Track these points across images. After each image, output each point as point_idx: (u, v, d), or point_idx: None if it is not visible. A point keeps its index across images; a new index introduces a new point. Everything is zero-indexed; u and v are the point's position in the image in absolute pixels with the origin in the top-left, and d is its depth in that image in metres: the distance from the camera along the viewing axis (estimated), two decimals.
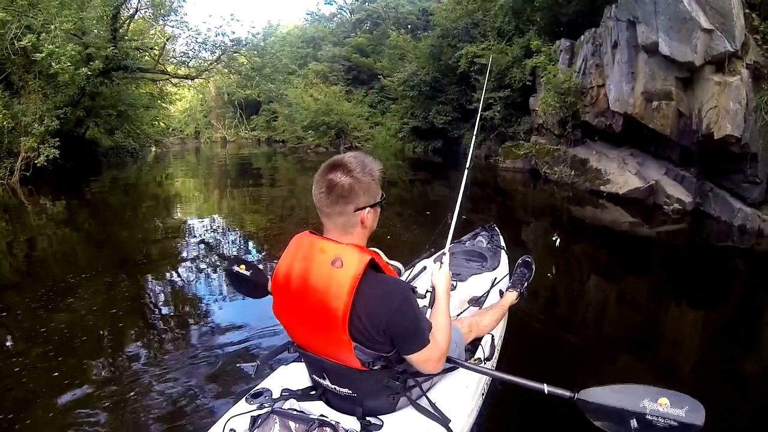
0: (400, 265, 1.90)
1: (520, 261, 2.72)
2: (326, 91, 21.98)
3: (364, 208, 1.35)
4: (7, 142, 11.46)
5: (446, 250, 2.06)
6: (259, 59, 16.51)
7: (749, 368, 3.08)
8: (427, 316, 1.57)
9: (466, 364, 1.68)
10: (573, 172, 9.92)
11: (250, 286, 1.98)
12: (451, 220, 2.26)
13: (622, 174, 8.72)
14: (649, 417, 1.30)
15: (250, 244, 6.55)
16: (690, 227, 6.79)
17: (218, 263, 5.31)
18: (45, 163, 11.70)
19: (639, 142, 8.74)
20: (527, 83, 12.00)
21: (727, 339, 3.49)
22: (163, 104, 21.10)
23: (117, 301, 4.15)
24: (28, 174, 11.81)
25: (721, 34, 6.04)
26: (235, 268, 1.98)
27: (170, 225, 7.73)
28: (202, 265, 5.34)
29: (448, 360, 1.57)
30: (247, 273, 1.96)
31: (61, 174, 13.53)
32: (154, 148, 22.86)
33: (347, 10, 28.71)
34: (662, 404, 1.30)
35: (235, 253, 6.01)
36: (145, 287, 4.71)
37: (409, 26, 22.51)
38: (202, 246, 6.29)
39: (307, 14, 38.35)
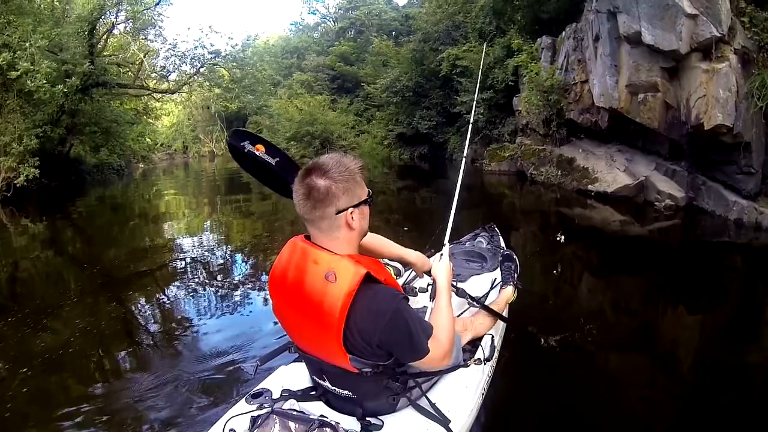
0: (399, 266, 1.87)
1: (500, 257, 2.72)
2: (309, 101, 21.61)
3: (347, 209, 1.28)
4: None
5: (445, 241, 1.94)
6: (238, 71, 16.22)
7: (749, 368, 2.88)
8: (429, 310, 1.57)
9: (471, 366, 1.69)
10: (560, 172, 9.53)
11: (270, 176, 1.75)
12: (448, 219, 2.16)
13: (611, 171, 8.34)
14: None
15: (240, 257, 6.29)
16: (683, 223, 6.45)
17: (211, 273, 5.32)
18: (25, 183, 11.45)
19: (626, 138, 8.37)
20: (510, 83, 11.68)
21: (726, 338, 3.30)
22: (149, 120, 20.79)
23: (109, 316, 4.06)
24: (8, 195, 11.54)
25: (707, 19, 5.66)
26: (247, 146, 1.71)
27: (158, 242, 7.48)
28: (195, 276, 5.25)
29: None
30: (269, 159, 1.72)
31: (45, 194, 13.37)
32: (141, 165, 22.45)
33: (330, 19, 28.53)
34: None
35: (223, 268, 5.68)
36: (138, 300, 4.58)
37: (393, 33, 22.24)
38: (194, 259, 6.08)
39: (291, 24, 38.18)
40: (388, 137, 19.22)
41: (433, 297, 1.62)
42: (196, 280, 5.08)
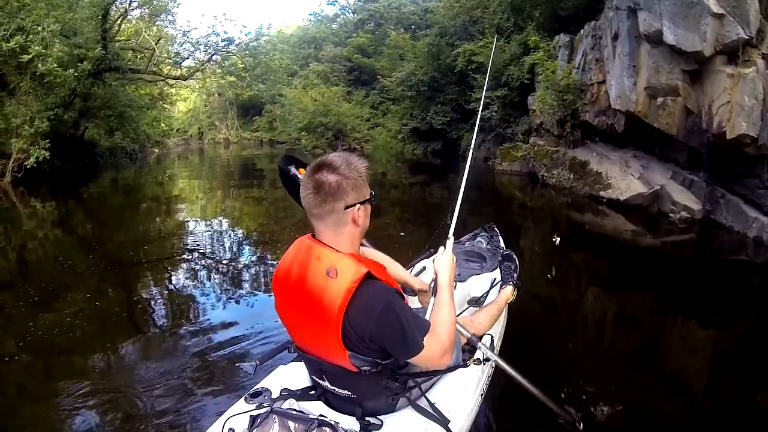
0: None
1: (500, 257, 2.68)
2: (324, 92, 21.32)
3: (354, 205, 1.31)
4: None
5: (450, 235, 1.84)
6: (251, 59, 16.00)
7: (764, 398, 2.66)
8: (431, 306, 1.54)
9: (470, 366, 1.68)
10: (572, 176, 9.10)
11: None
12: (452, 214, 2.07)
13: (625, 178, 7.90)
14: None
15: (248, 248, 6.24)
16: (699, 238, 6.06)
17: (217, 263, 5.27)
18: (35, 165, 11.51)
19: (643, 143, 7.91)
20: (525, 81, 11.25)
21: (740, 363, 3.06)
22: (165, 105, 20.78)
23: (113, 303, 4.04)
24: (19, 176, 11.63)
25: (733, 20, 5.19)
26: (292, 170, 1.81)
27: (167, 227, 7.47)
28: (200, 266, 5.19)
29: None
30: None
31: (57, 175, 13.59)
32: (156, 150, 22.53)
33: (349, 11, 28.06)
34: None
35: (230, 258, 5.65)
36: (142, 287, 4.54)
37: (412, 26, 21.69)
38: (201, 247, 6.08)
39: (310, 15, 37.59)
40: (402, 131, 18.85)
41: (435, 292, 1.56)
42: (202, 270, 5.03)
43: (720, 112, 5.47)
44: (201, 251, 5.75)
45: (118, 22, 13.34)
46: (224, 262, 5.44)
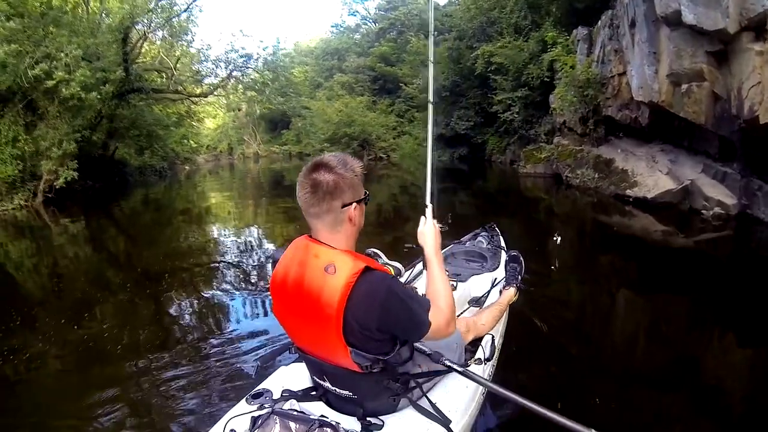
0: (399, 266, 1.75)
1: (507, 257, 2.70)
2: (348, 102, 21.25)
3: (351, 203, 1.30)
4: (30, 165, 11.76)
5: (427, 202, 1.79)
6: (269, 74, 16.08)
7: None
8: (425, 280, 1.54)
9: (469, 373, 1.58)
10: (596, 175, 8.56)
11: None
12: (427, 180, 1.95)
13: (652, 174, 7.32)
14: None
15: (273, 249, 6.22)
16: (735, 235, 5.55)
17: (239, 271, 5.28)
18: (64, 185, 11.90)
19: (670, 136, 7.33)
20: (545, 79, 10.73)
21: None
22: (193, 122, 21.21)
23: (128, 314, 4.10)
24: (50, 195, 12.03)
25: None
26: None
27: (195, 243, 7.46)
28: (222, 274, 5.27)
29: (449, 366, 1.57)
30: None
31: (89, 194, 14.07)
32: (186, 167, 23.07)
33: (371, 20, 28.02)
34: None
35: (252, 271, 5.60)
36: (154, 297, 4.57)
37: (434, 33, 21.53)
38: (226, 256, 6.21)
39: (332, 27, 37.58)
40: (427, 138, 18.50)
41: (425, 266, 1.56)
42: (222, 282, 5.02)
43: (751, 95, 4.93)
44: (225, 265, 5.76)
45: (139, 44, 13.61)
46: (247, 269, 5.43)
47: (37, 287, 5.58)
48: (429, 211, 1.69)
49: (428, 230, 1.58)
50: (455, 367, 1.59)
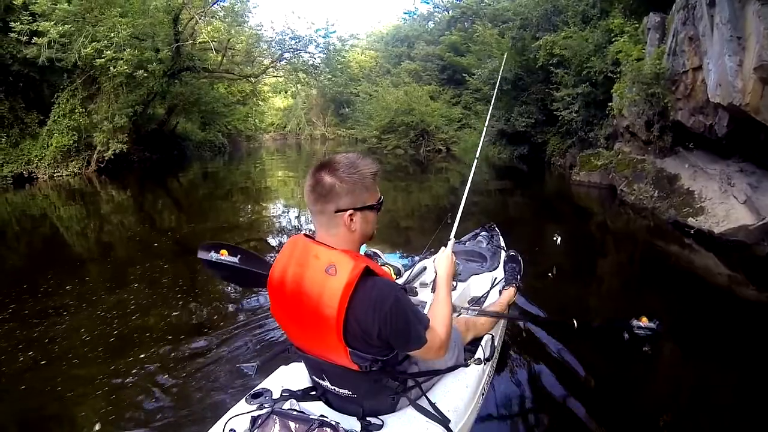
0: (399, 266, 1.93)
1: (506, 258, 2.69)
2: (408, 90, 20.01)
3: (347, 210, 1.25)
4: (86, 136, 12.36)
5: (451, 236, 1.88)
6: (322, 56, 15.55)
7: None
8: (430, 302, 1.55)
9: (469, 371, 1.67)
10: (656, 193, 6.82)
11: (240, 275, 1.81)
12: (455, 216, 2.01)
13: (725, 201, 5.55)
14: (635, 330, 1.71)
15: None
16: None
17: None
18: (112, 156, 12.53)
19: (754, 153, 5.50)
20: (610, 75, 8.86)
21: None
22: (258, 102, 21.48)
23: (142, 296, 4.04)
24: (102, 165, 12.70)
25: None
26: (213, 255, 1.79)
27: (242, 220, 7.48)
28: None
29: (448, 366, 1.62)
30: (233, 259, 1.78)
31: (147, 165, 14.84)
32: (249, 144, 23.45)
33: (443, 8, 26.33)
34: (643, 321, 1.72)
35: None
36: (170, 280, 4.49)
37: (506, 22, 19.61)
38: (269, 235, 6.17)
39: (405, 14, 36.49)
40: (488, 133, 16.88)
41: (434, 289, 1.57)
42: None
43: None
44: (265, 239, 5.79)
45: (192, 24, 13.49)
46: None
47: (81, 249, 6.06)
48: (450, 244, 1.79)
49: (446, 259, 1.58)
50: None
